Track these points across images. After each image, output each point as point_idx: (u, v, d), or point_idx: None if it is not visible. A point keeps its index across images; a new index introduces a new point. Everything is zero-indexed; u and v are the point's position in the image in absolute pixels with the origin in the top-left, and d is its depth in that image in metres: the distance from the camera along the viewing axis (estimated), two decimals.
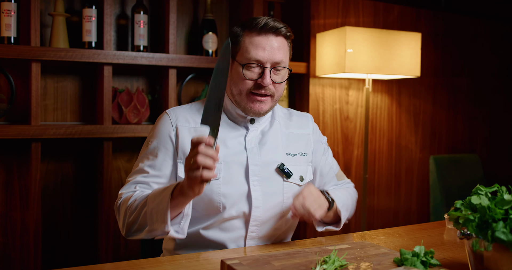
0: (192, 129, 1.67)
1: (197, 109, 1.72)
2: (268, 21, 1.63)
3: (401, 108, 3.53)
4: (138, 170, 1.65)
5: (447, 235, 1.78)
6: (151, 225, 1.48)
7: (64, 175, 2.73)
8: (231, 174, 1.64)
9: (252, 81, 1.62)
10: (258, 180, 1.66)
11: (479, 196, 1.24)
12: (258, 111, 1.65)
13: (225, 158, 1.63)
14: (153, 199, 1.47)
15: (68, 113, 2.73)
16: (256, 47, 1.61)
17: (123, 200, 1.60)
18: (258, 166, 1.67)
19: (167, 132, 1.66)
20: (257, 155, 1.68)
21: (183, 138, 1.64)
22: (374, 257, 1.35)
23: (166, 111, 1.72)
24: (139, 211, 1.51)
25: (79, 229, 2.76)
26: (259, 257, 1.31)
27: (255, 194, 1.65)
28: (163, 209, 1.43)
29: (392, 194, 3.52)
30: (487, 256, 1.21)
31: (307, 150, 1.80)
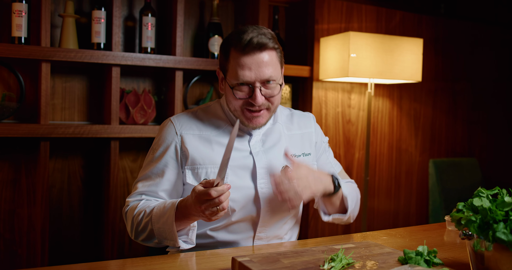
0: (197, 136, 1.69)
1: (201, 118, 1.74)
2: (252, 37, 1.57)
3: (401, 112, 3.59)
4: (144, 177, 1.70)
5: (448, 236, 1.83)
6: (160, 240, 1.56)
7: (71, 174, 2.77)
8: (238, 179, 1.67)
9: (244, 101, 1.62)
10: (265, 183, 1.69)
11: (481, 198, 1.29)
12: (256, 125, 1.67)
13: (231, 163, 1.66)
14: (157, 219, 1.54)
15: (75, 113, 2.77)
16: (243, 67, 1.58)
17: (129, 208, 1.66)
18: (265, 169, 1.69)
19: (172, 140, 1.69)
20: (263, 158, 1.71)
21: (188, 145, 1.67)
22: (379, 256, 1.40)
23: (170, 118, 1.75)
24: (145, 225, 1.58)
25: (85, 227, 2.81)
26: (268, 255, 1.36)
27: (263, 196, 1.68)
28: (169, 229, 1.50)
29: (392, 196, 3.57)
30: (487, 256, 1.25)
31: (310, 150, 1.83)
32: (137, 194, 1.69)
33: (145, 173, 1.71)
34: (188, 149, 1.67)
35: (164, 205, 1.55)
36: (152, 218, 1.55)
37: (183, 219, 1.49)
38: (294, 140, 1.81)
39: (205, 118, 1.75)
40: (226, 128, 1.73)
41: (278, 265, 1.28)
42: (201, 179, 1.65)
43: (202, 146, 1.68)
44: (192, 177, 1.67)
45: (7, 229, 2.60)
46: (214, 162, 1.66)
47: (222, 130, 1.72)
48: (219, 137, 1.70)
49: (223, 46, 1.67)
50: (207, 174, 1.65)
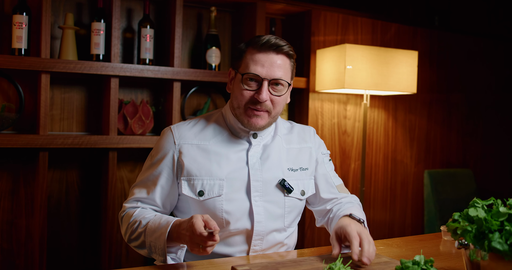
0: (195, 146, 1.70)
1: (201, 128, 1.76)
2: (270, 38, 1.65)
3: (397, 123, 3.62)
4: (140, 183, 1.73)
5: (443, 246, 1.85)
6: (150, 253, 1.58)
7: (69, 184, 2.78)
8: (233, 191, 1.68)
9: (249, 95, 1.65)
10: (260, 195, 1.69)
11: (476, 208, 1.32)
12: (254, 125, 1.67)
13: (228, 175, 1.67)
14: (151, 233, 1.56)
15: (74, 123, 2.79)
16: (256, 63, 1.64)
17: (125, 214, 1.70)
18: (260, 182, 1.70)
19: (169, 149, 1.71)
20: (259, 171, 1.71)
21: (186, 155, 1.69)
22: (377, 265, 1.42)
23: (170, 127, 1.76)
24: (138, 236, 1.61)
25: (82, 238, 2.82)
26: (267, 264, 1.38)
27: (257, 209, 1.68)
28: (160, 246, 1.52)
29: (387, 207, 3.60)
30: (483, 265, 1.28)
31: (308, 165, 1.82)
32: (134, 200, 1.71)
33: (141, 179, 1.73)
34: (185, 160, 1.68)
35: (159, 221, 1.56)
36: (146, 231, 1.57)
37: (174, 239, 1.51)
38: (292, 154, 1.80)
39: (205, 126, 1.76)
40: (225, 137, 1.74)
41: None
42: (197, 190, 1.66)
43: (200, 156, 1.69)
44: (188, 188, 1.68)
45: (5, 239, 2.61)
46: (210, 174, 1.67)
47: (221, 138, 1.73)
48: (217, 146, 1.71)
49: (240, 46, 1.72)
50: (203, 185, 1.66)
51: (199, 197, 1.66)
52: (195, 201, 1.68)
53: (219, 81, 2.88)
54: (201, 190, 1.66)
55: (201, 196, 1.66)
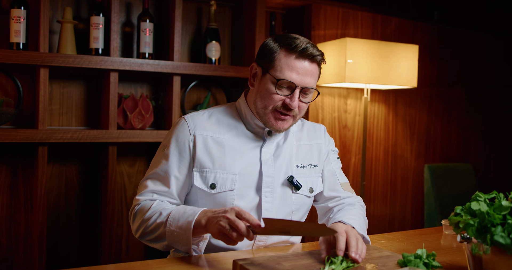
0: (210, 138, 1.68)
1: (216, 119, 1.73)
2: (308, 46, 1.63)
3: (397, 118, 3.61)
4: (154, 175, 1.68)
5: (444, 240, 1.85)
6: (171, 244, 1.54)
7: (68, 179, 2.77)
8: (245, 186, 1.67)
9: (280, 100, 1.63)
10: (270, 191, 1.69)
11: (478, 202, 1.31)
12: (280, 128, 1.67)
13: (241, 170, 1.66)
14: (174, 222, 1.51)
15: (73, 118, 2.78)
16: (291, 69, 1.61)
17: (140, 208, 1.63)
18: (271, 178, 1.69)
19: (185, 139, 1.68)
20: (271, 167, 1.70)
21: (199, 146, 1.67)
22: (378, 259, 1.41)
23: (184, 117, 1.74)
24: (157, 227, 1.56)
25: (82, 233, 2.81)
26: (269, 258, 1.37)
27: (266, 205, 1.68)
28: (185, 234, 1.48)
29: (387, 201, 3.59)
30: (485, 259, 1.27)
31: (317, 162, 1.81)
32: (148, 192, 1.66)
33: (154, 171, 1.68)
34: (199, 151, 1.66)
35: (184, 210, 1.53)
36: (169, 221, 1.52)
37: (202, 230, 1.47)
38: (302, 151, 1.80)
39: (220, 119, 1.74)
40: (240, 132, 1.72)
41: (279, 268, 1.29)
42: (209, 183, 1.65)
43: (214, 149, 1.67)
44: (200, 180, 1.66)
45: (4, 235, 2.60)
46: (224, 168, 1.66)
47: (236, 133, 1.71)
48: (232, 141, 1.70)
49: (270, 43, 1.68)
50: (216, 178, 1.65)
51: (211, 190, 1.65)
52: (205, 193, 1.66)
53: (219, 75, 2.87)
54: (213, 183, 1.65)
55: (213, 189, 1.65)
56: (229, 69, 2.90)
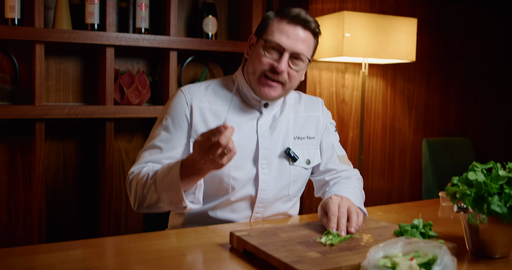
0: (207, 110, 1.68)
1: (213, 91, 1.73)
2: (301, 12, 1.63)
3: (395, 92, 3.60)
4: (151, 147, 1.67)
5: (442, 212, 1.86)
6: (165, 201, 1.51)
7: (66, 156, 2.77)
8: (241, 158, 1.66)
9: (268, 63, 1.62)
10: (267, 163, 1.69)
11: (476, 172, 1.31)
12: (266, 95, 1.65)
13: (237, 142, 1.63)
14: (162, 179, 1.49)
15: (70, 94, 2.77)
16: (281, 32, 1.61)
17: (134, 176, 1.62)
18: (268, 150, 1.69)
19: (182, 110, 1.67)
20: (268, 139, 1.70)
21: (196, 117, 1.66)
22: (375, 230, 1.42)
23: (181, 88, 1.73)
24: (149, 187, 1.54)
25: (81, 208, 2.82)
26: (266, 230, 1.38)
27: (263, 177, 1.68)
28: (175, 188, 1.45)
29: (385, 175, 3.60)
30: (482, 228, 1.28)
31: (315, 134, 1.81)
32: (143, 162, 1.64)
33: (152, 142, 1.67)
34: (196, 121, 1.66)
35: (168, 165, 1.51)
36: (157, 179, 1.50)
37: (190, 175, 1.44)
38: (299, 123, 1.79)
39: (217, 91, 1.73)
40: (237, 105, 1.72)
41: (276, 239, 1.29)
42: None
43: (211, 120, 1.67)
44: None
45: (3, 211, 2.61)
46: None
47: (233, 106, 1.71)
48: (229, 113, 1.69)
49: (267, 14, 1.69)
50: None
51: None
52: None
53: (216, 50, 2.85)
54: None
55: None
56: (226, 44, 2.88)
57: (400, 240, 1.15)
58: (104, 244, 1.43)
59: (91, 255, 1.27)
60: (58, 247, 1.34)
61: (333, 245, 1.26)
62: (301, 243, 1.27)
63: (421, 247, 1.14)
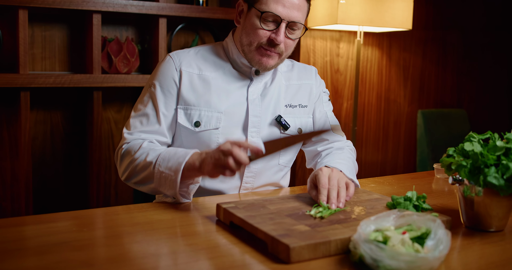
0: (196, 76, 1.63)
1: (202, 57, 1.68)
2: None
3: (391, 62, 3.53)
4: (141, 114, 1.61)
5: (436, 184, 1.82)
6: (158, 188, 1.47)
7: (54, 126, 2.71)
8: (230, 125, 1.62)
9: (265, 35, 1.56)
10: (256, 131, 1.65)
11: (472, 142, 1.26)
12: (265, 65, 1.60)
13: (227, 109, 1.62)
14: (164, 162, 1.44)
15: (56, 63, 2.69)
16: (277, 2, 1.54)
17: (128, 148, 1.56)
18: (258, 118, 1.65)
19: (171, 75, 1.62)
20: (258, 106, 1.66)
21: (185, 84, 1.61)
22: (367, 202, 1.38)
23: (169, 54, 1.68)
24: (145, 167, 1.49)
25: (70, 180, 2.77)
26: (254, 202, 1.33)
27: None
28: (172, 177, 1.41)
29: (379, 147, 3.57)
30: (477, 201, 1.24)
31: (307, 102, 1.76)
32: (137, 132, 1.59)
33: (142, 109, 1.61)
34: (184, 88, 1.61)
35: (175, 151, 1.46)
36: (158, 161, 1.45)
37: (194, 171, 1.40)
38: (291, 91, 1.74)
39: (207, 57, 1.68)
40: (227, 71, 1.67)
41: (264, 211, 1.25)
42: (193, 121, 1.60)
43: (200, 86, 1.62)
44: (184, 117, 1.61)
45: None
46: (209, 105, 1.61)
47: (223, 72, 1.66)
48: (218, 80, 1.64)
49: None
50: (200, 116, 1.60)
51: (195, 128, 1.60)
52: (189, 132, 1.61)
53: (207, 17, 2.76)
54: (197, 120, 1.60)
55: (197, 127, 1.60)
56: (217, 10, 2.79)
57: (393, 213, 1.11)
58: (93, 215, 1.39)
59: (79, 226, 1.24)
60: (46, 218, 1.30)
61: (323, 218, 1.21)
62: (290, 216, 1.22)
63: (414, 220, 1.10)
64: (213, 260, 1.05)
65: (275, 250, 1.06)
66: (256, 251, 1.10)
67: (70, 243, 1.12)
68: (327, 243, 1.06)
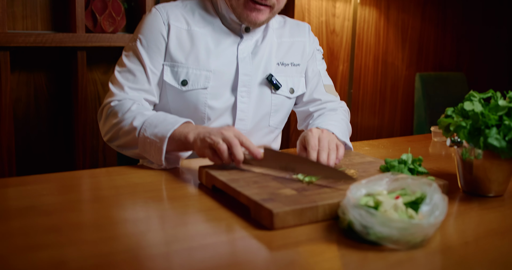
0: (185, 31, 1.53)
1: (191, 10, 1.57)
2: None
3: (389, 23, 3.43)
4: (126, 71, 1.50)
5: (433, 147, 1.74)
6: (142, 153, 1.37)
7: (38, 87, 2.61)
8: (220, 85, 1.54)
9: None
10: (246, 91, 1.56)
11: (472, 102, 1.17)
12: (254, 20, 1.50)
13: (216, 68, 1.53)
14: (151, 127, 1.34)
15: (38, 22, 2.57)
16: None
17: (116, 108, 1.44)
18: (248, 77, 1.56)
19: (158, 29, 1.51)
20: (249, 64, 1.57)
21: (173, 39, 1.51)
22: (360, 165, 1.30)
23: (155, 6, 1.56)
24: (129, 132, 1.38)
25: (55, 143, 2.69)
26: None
27: (241, 106, 1.56)
28: (158, 145, 1.31)
29: (376, 111, 3.50)
30: (477, 164, 1.16)
31: (300, 61, 1.67)
32: (126, 88, 1.47)
33: (128, 65, 1.50)
34: (172, 43, 1.51)
35: (165, 117, 1.36)
36: (144, 125, 1.35)
37: (180, 141, 1.30)
38: (283, 48, 1.65)
39: (195, 10, 1.57)
40: (216, 27, 1.56)
41: (248, 174, 1.17)
42: (180, 79, 1.51)
43: (188, 42, 1.52)
44: (170, 75, 1.51)
45: None
46: (197, 63, 1.52)
47: (212, 28, 1.56)
48: (207, 37, 1.54)
49: None
50: (188, 74, 1.51)
51: (182, 87, 1.51)
52: (176, 91, 1.52)
53: None
54: (184, 79, 1.51)
55: (184, 85, 1.51)
56: None
57: (386, 176, 1.03)
58: (68, 178, 1.30)
59: (50, 190, 1.17)
60: (16, 181, 1.24)
61: (312, 183, 1.13)
62: (276, 179, 1.14)
63: (408, 184, 1.02)
64: (190, 225, 0.98)
65: (258, 216, 0.98)
66: (238, 216, 1.02)
67: (39, 207, 1.04)
68: (314, 208, 0.98)
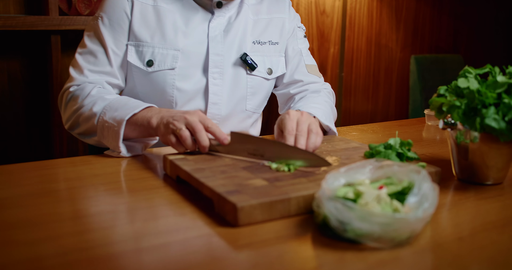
0: (151, 8, 1.42)
1: None
2: None
3: (382, 3, 3.35)
4: (88, 52, 1.40)
5: (427, 132, 1.62)
6: (101, 139, 1.28)
7: (11, 74, 2.48)
8: (189, 66, 1.43)
9: None
10: (219, 72, 1.45)
11: (468, 78, 1.05)
12: None
13: (184, 47, 1.42)
14: (111, 111, 1.25)
15: (11, 4, 2.43)
16: None
17: (75, 94, 1.35)
18: (220, 57, 1.45)
19: (121, 6, 1.40)
20: (220, 43, 1.45)
21: (136, 16, 1.40)
22: (343, 151, 1.17)
23: None
24: (89, 118, 1.29)
25: (31, 132, 2.57)
26: (209, 152, 1.13)
27: (214, 88, 1.44)
28: (115, 129, 1.22)
29: (369, 95, 3.42)
30: (473, 149, 1.04)
31: (279, 39, 1.56)
32: (86, 71, 1.38)
33: (87, 46, 1.40)
34: (136, 21, 1.40)
35: (127, 101, 1.27)
36: (104, 110, 1.26)
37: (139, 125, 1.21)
38: (260, 26, 1.54)
39: None
40: (185, 2, 1.45)
41: (217, 163, 1.04)
42: (145, 60, 1.40)
43: (154, 20, 1.41)
44: (135, 55, 1.41)
45: None
46: (164, 42, 1.41)
47: (181, 4, 1.44)
48: (176, 13, 1.43)
49: None
50: (154, 54, 1.40)
51: (148, 68, 1.41)
52: (141, 72, 1.42)
53: None
54: (150, 59, 1.41)
55: (149, 66, 1.41)
56: None
57: (368, 164, 0.91)
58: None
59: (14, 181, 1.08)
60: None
61: (289, 171, 1.00)
62: (246, 169, 1.01)
63: (394, 172, 0.90)
64: (145, 222, 0.85)
65: (222, 210, 0.86)
66: (201, 211, 0.90)
67: None
68: (285, 201, 0.86)
